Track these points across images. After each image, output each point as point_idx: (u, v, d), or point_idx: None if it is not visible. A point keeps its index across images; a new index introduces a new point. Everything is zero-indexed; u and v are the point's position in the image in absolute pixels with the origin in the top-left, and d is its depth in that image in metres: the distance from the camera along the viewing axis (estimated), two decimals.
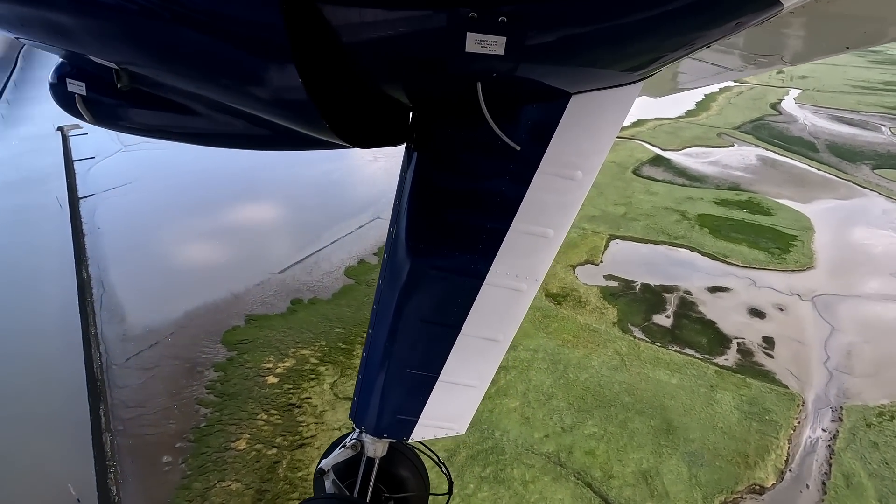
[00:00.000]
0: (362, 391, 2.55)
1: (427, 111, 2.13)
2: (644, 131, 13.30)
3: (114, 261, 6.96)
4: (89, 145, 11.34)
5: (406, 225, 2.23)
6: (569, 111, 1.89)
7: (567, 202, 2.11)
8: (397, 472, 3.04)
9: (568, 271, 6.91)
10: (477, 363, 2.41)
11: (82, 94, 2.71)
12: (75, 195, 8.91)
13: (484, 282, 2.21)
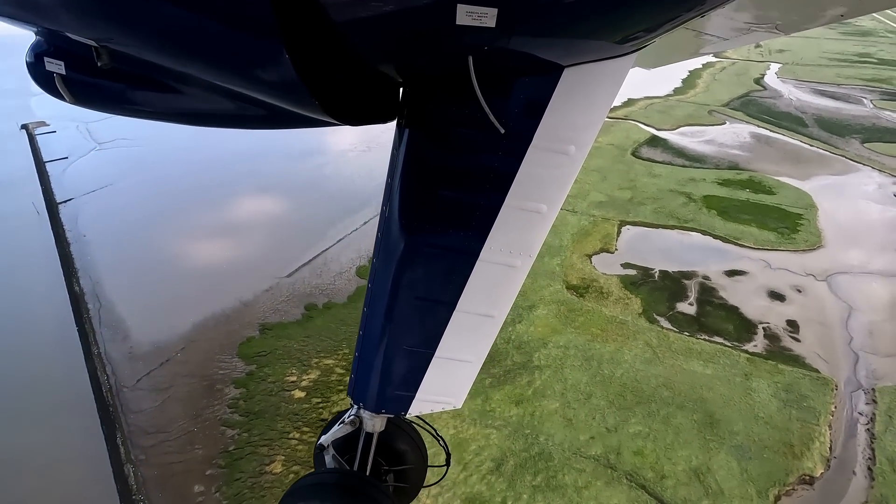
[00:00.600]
0: (360, 368, 2.56)
1: (418, 87, 2.08)
2: (636, 111, 13.20)
3: (107, 271, 6.51)
4: (59, 144, 10.61)
5: (399, 203, 2.21)
6: (561, 85, 1.87)
7: (560, 177, 2.10)
8: (396, 445, 3.09)
9: (585, 261, 6.79)
10: (472, 339, 2.43)
11: (61, 74, 2.59)
12: (53, 200, 8.31)
13: (478, 258, 2.21)
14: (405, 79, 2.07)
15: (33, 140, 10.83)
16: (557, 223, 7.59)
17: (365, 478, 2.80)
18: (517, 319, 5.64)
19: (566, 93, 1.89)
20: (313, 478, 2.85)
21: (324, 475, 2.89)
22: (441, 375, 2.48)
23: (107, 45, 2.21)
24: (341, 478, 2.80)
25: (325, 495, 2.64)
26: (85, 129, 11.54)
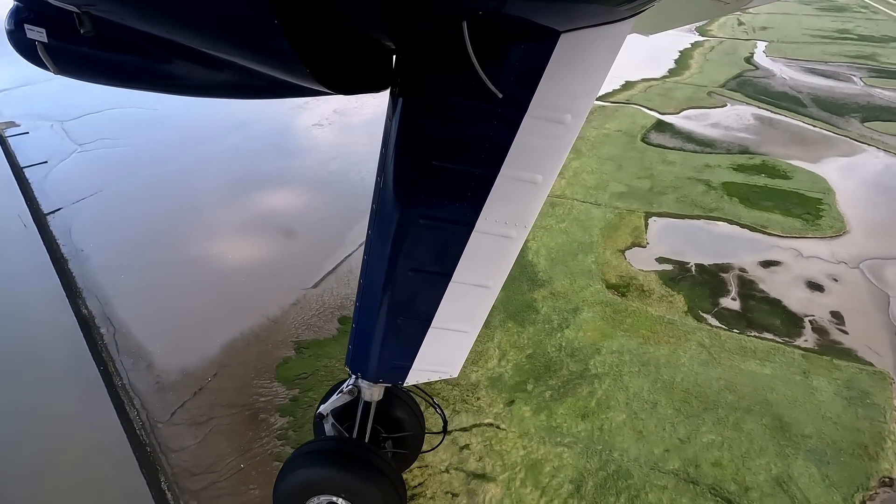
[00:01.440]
0: (357, 339, 2.61)
1: (411, 55, 2.04)
2: (637, 94, 13.03)
3: (113, 290, 6.00)
4: (35, 147, 9.80)
5: (393, 174, 2.19)
6: (558, 51, 1.84)
7: (556, 147, 2.09)
8: (394, 413, 3.16)
9: (619, 257, 6.61)
10: (468, 309, 2.45)
11: (43, 42, 2.54)
12: (39, 211, 7.65)
13: (473, 229, 2.21)
14: (398, 46, 2.02)
15: (4, 143, 9.98)
16: (584, 218, 7.39)
17: (364, 444, 2.83)
18: (564, 324, 5.43)
19: (562, 60, 1.87)
20: (313, 445, 2.89)
21: (323, 442, 2.96)
22: (438, 345, 2.50)
23: (88, 11, 2.13)
24: (341, 445, 2.85)
25: (325, 461, 2.67)
26: (60, 128, 10.71)
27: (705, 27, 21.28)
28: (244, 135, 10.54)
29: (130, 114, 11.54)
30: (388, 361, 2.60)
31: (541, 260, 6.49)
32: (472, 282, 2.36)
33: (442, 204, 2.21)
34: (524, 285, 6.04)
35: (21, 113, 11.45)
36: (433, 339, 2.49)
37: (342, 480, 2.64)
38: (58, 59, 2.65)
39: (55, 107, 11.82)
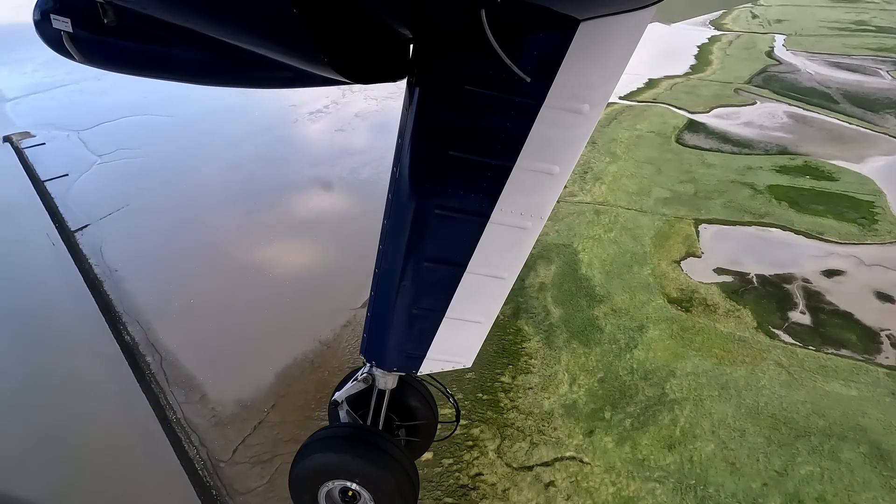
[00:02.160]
0: (371, 328, 2.62)
1: (429, 43, 2.02)
2: (663, 93, 12.74)
3: (154, 314, 5.74)
4: (53, 158, 9.50)
5: (408, 164, 2.17)
6: (577, 40, 1.81)
7: (573, 137, 2.05)
8: (407, 402, 3.18)
9: (675, 269, 6.35)
10: (482, 300, 2.44)
11: (68, 31, 2.59)
12: (66, 228, 7.37)
13: (489, 220, 2.19)
14: (416, 35, 2.02)
15: (22, 155, 9.68)
16: (632, 226, 7.13)
17: (377, 431, 2.85)
18: (631, 344, 5.19)
19: (582, 49, 1.83)
20: (328, 431, 2.90)
21: (338, 429, 2.97)
22: (451, 336, 2.49)
23: (112, 1, 2.15)
24: (355, 431, 2.87)
25: (339, 447, 2.70)
26: (77, 138, 10.40)
27: (719, 21, 20.96)
28: (266, 142, 10.25)
29: (147, 122, 11.24)
30: (403, 351, 2.60)
31: (595, 273, 6.24)
32: (487, 273, 2.34)
33: (457, 194, 2.18)
34: (583, 301, 5.78)
35: (34, 122, 11.14)
36: (447, 330, 2.48)
37: (355, 466, 2.64)
38: (82, 49, 2.67)
39: (68, 116, 11.51)
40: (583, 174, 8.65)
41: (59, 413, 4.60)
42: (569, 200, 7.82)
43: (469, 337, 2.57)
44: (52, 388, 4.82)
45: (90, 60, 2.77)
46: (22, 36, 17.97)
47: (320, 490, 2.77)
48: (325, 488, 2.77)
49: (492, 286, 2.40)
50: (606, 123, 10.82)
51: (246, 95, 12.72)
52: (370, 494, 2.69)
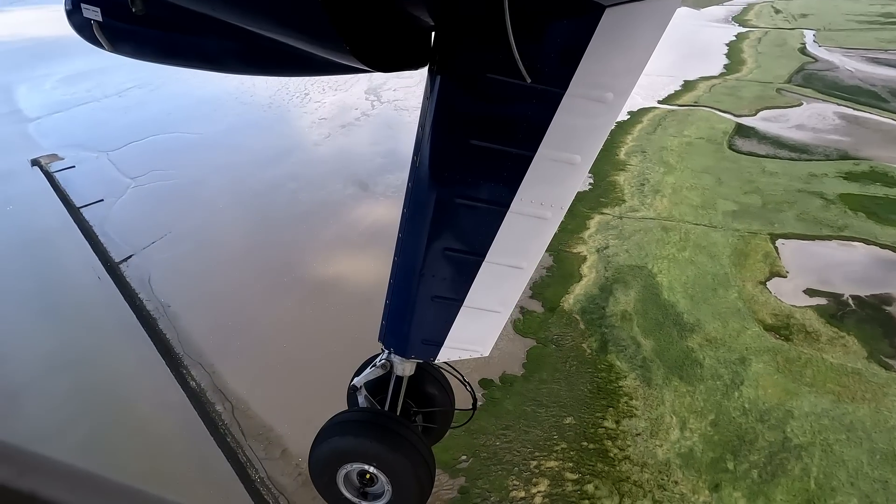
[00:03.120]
0: (390, 315, 2.61)
1: (450, 31, 2.00)
2: (703, 95, 12.33)
3: (217, 355, 5.40)
4: (85, 182, 9.18)
5: (429, 152, 2.16)
6: (602, 27, 1.77)
7: (596, 126, 2.00)
8: (425, 389, 3.15)
9: (763, 291, 5.96)
10: (501, 289, 2.41)
11: (98, 20, 2.60)
12: (109, 260, 7.04)
13: (508, 209, 2.17)
14: (437, 22, 2.01)
15: (53, 180, 9.36)
16: (705, 243, 6.74)
17: (395, 417, 2.88)
18: (737, 381, 4.81)
19: (606, 36, 1.79)
20: (347, 415, 2.92)
21: (356, 413, 3.00)
22: (469, 324, 2.49)
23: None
24: (373, 416, 2.90)
25: (357, 432, 2.74)
26: (106, 160, 10.09)
27: (742, 17, 20.51)
28: (301, 159, 9.91)
29: (174, 141, 10.90)
30: (420, 338, 2.59)
31: (678, 298, 5.86)
32: (505, 262, 2.30)
33: (477, 183, 2.16)
34: (673, 331, 5.41)
35: (60, 144, 10.83)
36: (465, 318, 2.46)
37: (373, 450, 2.66)
38: (111, 38, 2.70)
39: (94, 135, 11.20)
40: (640, 186, 8.27)
41: (130, 472, 4.25)
42: (632, 216, 7.44)
43: (487, 326, 2.51)
44: (120, 445, 4.48)
45: (118, 49, 2.77)
46: (37, 51, 17.76)
47: (339, 472, 2.77)
48: (343, 470, 2.77)
49: (510, 276, 2.34)
50: (652, 130, 10.44)
51: (270, 109, 12.41)
52: (387, 478, 2.70)
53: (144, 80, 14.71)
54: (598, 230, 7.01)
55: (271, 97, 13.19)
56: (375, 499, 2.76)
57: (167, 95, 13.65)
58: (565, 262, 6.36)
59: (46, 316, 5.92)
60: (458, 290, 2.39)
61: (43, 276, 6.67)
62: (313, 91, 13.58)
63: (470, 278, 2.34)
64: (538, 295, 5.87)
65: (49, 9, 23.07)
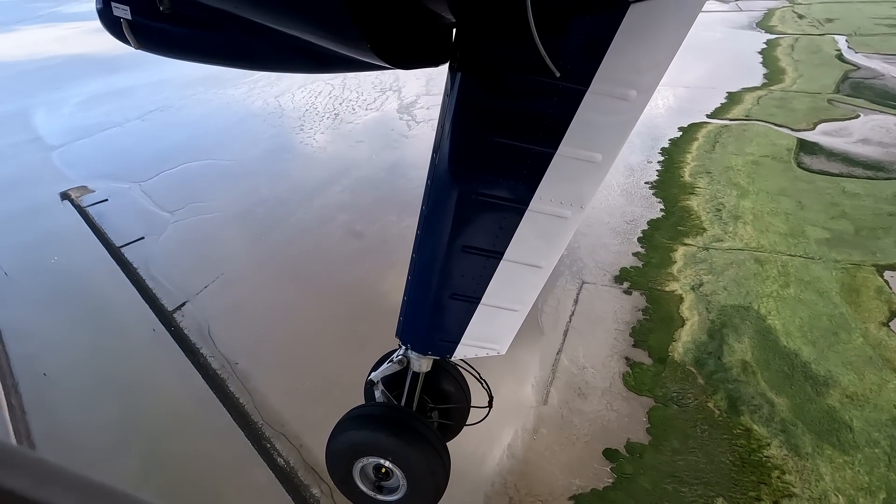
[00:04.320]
0: (408, 311, 2.63)
1: (471, 27, 1.99)
2: (753, 108, 11.88)
3: (302, 424, 4.86)
4: (122, 218, 8.67)
5: (448, 150, 2.16)
6: (626, 23, 1.73)
7: (619, 124, 1.99)
8: (441, 385, 3.19)
9: (888, 334, 5.44)
10: (519, 288, 2.41)
11: (127, 19, 2.71)
12: (162, 308, 6.51)
13: (528, 208, 2.17)
14: (459, 19, 2.01)
15: (86, 215, 8.85)
16: (808, 278, 6.22)
17: (411, 412, 2.89)
18: (894, 456, 4.28)
19: (630, 32, 1.75)
20: (363, 409, 2.97)
21: (373, 408, 3.05)
22: (486, 322, 2.49)
23: None
24: (389, 411, 2.92)
25: (373, 426, 2.75)
26: (139, 191, 9.59)
27: (767, 23, 20.17)
28: (349, 186, 9.40)
29: (208, 168, 10.40)
30: (437, 335, 2.61)
31: (799, 344, 5.34)
32: (524, 261, 2.32)
33: (497, 181, 2.16)
34: (805, 385, 4.88)
35: (87, 174, 10.34)
36: (482, 316, 2.48)
37: (388, 444, 2.67)
38: (139, 35, 2.78)
39: (122, 164, 10.71)
40: (716, 212, 7.77)
41: None
42: (718, 247, 6.94)
43: (504, 324, 2.55)
44: None
45: (145, 46, 2.86)
46: (51, 73, 17.24)
47: (355, 465, 2.81)
48: (359, 464, 2.81)
49: (529, 275, 2.37)
50: (711, 148, 9.96)
51: (302, 132, 11.93)
52: (402, 472, 2.72)
53: (165, 101, 14.25)
54: (686, 264, 6.49)
55: (301, 118, 12.73)
56: (391, 492, 2.83)
57: (192, 118, 13.18)
58: (661, 302, 5.84)
59: (106, 380, 5.38)
60: (476, 287, 2.40)
61: (95, 329, 6.14)
62: (343, 111, 13.11)
63: (488, 276, 2.36)
64: (641, 343, 5.34)
65: (62, 27, 22.66)
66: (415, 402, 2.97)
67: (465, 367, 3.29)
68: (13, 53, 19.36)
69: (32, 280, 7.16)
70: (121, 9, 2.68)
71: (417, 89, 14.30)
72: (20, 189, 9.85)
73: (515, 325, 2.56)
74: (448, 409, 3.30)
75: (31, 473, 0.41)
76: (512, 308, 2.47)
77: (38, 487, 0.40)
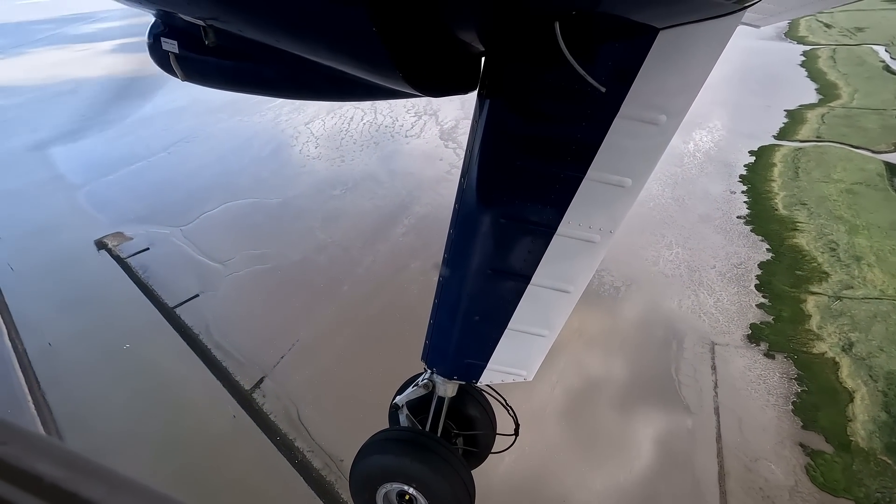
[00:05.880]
0: (434, 335, 2.64)
1: (501, 55, 2.04)
2: (820, 128, 11.29)
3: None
4: (169, 271, 7.86)
5: (477, 174, 2.20)
6: (655, 49, 1.73)
7: (649, 148, 1.99)
8: (466, 411, 3.17)
9: None
10: (547, 313, 2.40)
11: (175, 52, 2.89)
12: (236, 386, 5.71)
13: (556, 232, 2.18)
14: (488, 47, 2.06)
15: (127, 267, 8.04)
16: None
17: (435, 438, 2.83)
18: None
19: (660, 58, 1.75)
20: (388, 433, 2.93)
21: (398, 432, 3.02)
22: (513, 347, 2.48)
23: (212, 24, 2.44)
24: (413, 436, 2.85)
25: (398, 450, 2.71)
26: (182, 238, 8.79)
27: (796, 34, 19.75)
28: (410, 227, 8.66)
29: (252, 209, 9.61)
30: (463, 359, 2.59)
31: None
32: (552, 286, 2.30)
33: (525, 205, 2.17)
34: None
35: (120, 218, 9.53)
36: (509, 341, 2.46)
37: (412, 470, 2.62)
38: (186, 68, 2.95)
39: (156, 205, 9.90)
40: (831, 252, 7.09)
41: None
42: (850, 296, 6.24)
43: (532, 350, 2.51)
44: None
45: (191, 78, 2.99)
46: (64, 100, 16.40)
47: (378, 491, 2.76)
48: (382, 489, 2.75)
49: (557, 300, 2.35)
50: (794, 175, 9.32)
51: (344, 163, 11.21)
52: (426, 499, 2.65)
53: (189, 131, 13.48)
54: (824, 318, 5.79)
55: (338, 148, 12.03)
56: None
57: (222, 150, 12.41)
58: (813, 369, 5.12)
59: (189, 482, 4.57)
60: (503, 312, 2.38)
61: (171, 418, 5.32)
62: (382, 139, 12.41)
63: (515, 301, 2.34)
64: (811, 423, 4.61)
65: (70, 49, 21.84)
66: (440, 427, 2.93)
67: (492, 394, 3.24)
68: (21, 78, 18.54)
69: (84, 353, 6.34)
70: (169, 43, 2.87)
71: (454, 112, 13.64)
72: (50, 237, 9.02)
73: (543, 351, 2.53)
74: (474, 436, 3.24)
75: (105, 482, 0.44)
76: (540, 333, 2.45)
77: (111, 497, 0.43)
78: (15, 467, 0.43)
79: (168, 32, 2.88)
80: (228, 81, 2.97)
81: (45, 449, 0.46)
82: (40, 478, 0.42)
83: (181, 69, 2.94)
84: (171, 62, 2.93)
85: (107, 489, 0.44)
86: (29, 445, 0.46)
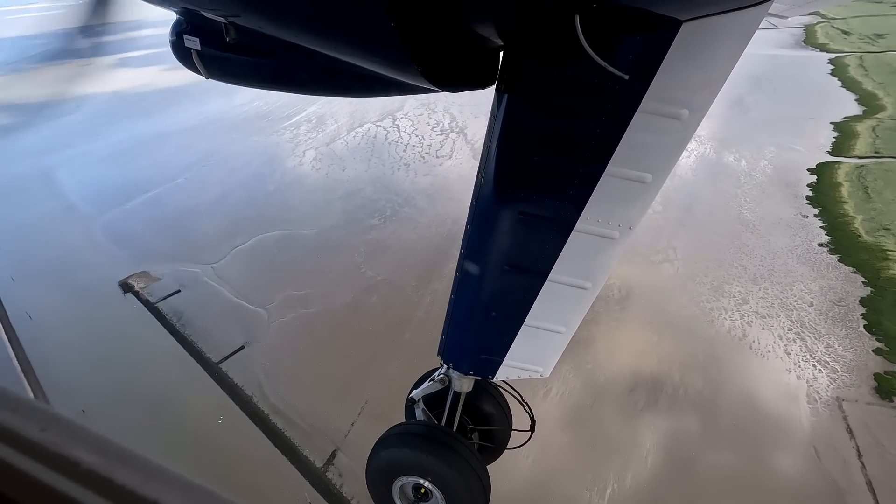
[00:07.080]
0: (450, 330, 2.65)
1: (519, 50, 2.02)
2: (877, 143, 10.81)
3: None
4: (207, 318, 7.13)
5: (494, 170, 2.18)
6: (678, 41, 1.69)
7: (670, 144, 1.95)
8: (482, 406, 3.18)
9: None
10: (564, 309, 2.38)
11: (197, 50, 2.93)
12: (306, 462, 4.99)
13: (574, 228, 2.15)
14: (506, 42, 2.02)
15: (158, 313, 7.30)
16: None
17: (451, 433, 2.86)
18: None
19: (683, 51, 1.70)
20: (404, 427, 2.98)
21: (413, 426, 3.05)
22: (530, 343, 2.46)
23: (233, 22, 2.44)
24: (429, 430, 2.91)
25: (413, 444, 2.75)
26: (214, 276, 8.07)
27: (815, 41, 19.42)
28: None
29: (288, 242, 8.89)
30: (480, 355, 2.58)
31: None
32: (569, 282, 2.27)
33: (542, 201, 2.14)
34: None
35: (144, 255, 8.77)
36: (526, 337, 2.43)
37: (428, 464, 2.64)
38: (208, 65, 2.98)
39: (180, 239, 9.15)
40: None
41: None
42: None
43: (548, 346, 2.48)
44: None
45: (213, 74, 3.02)
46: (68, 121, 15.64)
47: (394, 484, 2.77)
48: (398, 482, 2.76)
49: (574, 296, 2.30)
50: (865, 196, 8.80)
51: (377, 186, 10.56)
52: (441, 494, 2.65)
53: (203, 153, 12.71)
54: None
55: (367, 171, 11.38)
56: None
57: (242, 175, 11.65)
58: None
59: None
60: (520, 307, 2.38)
61: None
62: (412, 161, 11.78)
63: (532, 296, 2.34)
64: None
65: (70, 65, 20.98)
66: (455, 422, 2.92)
67: (508, 390, 3.20)
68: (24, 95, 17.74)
69: (121, 423, 5.60)
70: (191, 41, 2.88)
71: (482, 130, 13.01)
72: (68, 278, 8.25)
73: (560, 348, 2.47)
74: (489, 431, 3.21)
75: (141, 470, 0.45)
76: (557, 330, 2.40)
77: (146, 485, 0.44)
78: (54, 453, 0.45)
79: (190, 30, 2.92)
80: (249, 77, 3.04)
81: (84, 436, 0.48)
82: (77, 463, 0.44)
83: (203, 66, 2.99)
84: (193, 59, 2.97)
85: (142, 477, 0.44)
86: (68, 432, 0.48)
